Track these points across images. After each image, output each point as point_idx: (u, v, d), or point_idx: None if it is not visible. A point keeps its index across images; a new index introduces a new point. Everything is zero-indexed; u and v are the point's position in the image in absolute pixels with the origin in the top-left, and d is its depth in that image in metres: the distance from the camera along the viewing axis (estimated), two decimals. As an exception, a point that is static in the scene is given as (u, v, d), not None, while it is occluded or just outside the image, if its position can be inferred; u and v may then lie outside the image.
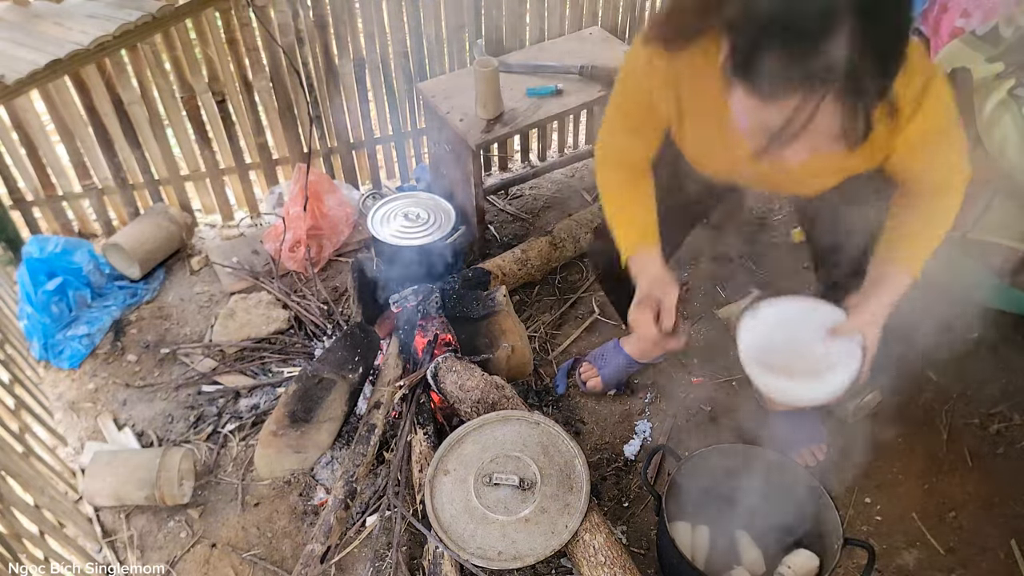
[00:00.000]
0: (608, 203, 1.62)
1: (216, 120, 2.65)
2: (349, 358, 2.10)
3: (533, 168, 3.04)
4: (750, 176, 1.55)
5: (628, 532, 1.92)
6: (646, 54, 1.37)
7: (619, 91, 1.53)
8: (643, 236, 1.57)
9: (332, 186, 2.74)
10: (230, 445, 2.13)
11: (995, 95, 1.74)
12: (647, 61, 1.38)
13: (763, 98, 1.03)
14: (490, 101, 2.40)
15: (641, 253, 1.57)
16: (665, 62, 1.35)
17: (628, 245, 1.58)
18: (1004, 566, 1.81)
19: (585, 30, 2.87)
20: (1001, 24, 1.82)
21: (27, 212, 2.63)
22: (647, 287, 1.55)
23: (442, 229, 2.39)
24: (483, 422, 1.92)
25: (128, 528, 1.95)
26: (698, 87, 1.36)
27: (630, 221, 1.59)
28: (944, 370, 2.18)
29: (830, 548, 1.61)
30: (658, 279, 1.54)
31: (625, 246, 1.58)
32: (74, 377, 2.34)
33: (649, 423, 2.15)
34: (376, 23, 2.60)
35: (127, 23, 2.17)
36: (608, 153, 1.63)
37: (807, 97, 0.98)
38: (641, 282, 1.56)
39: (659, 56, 1.35)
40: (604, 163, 1.64)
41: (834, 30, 0.94)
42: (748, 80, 1.04)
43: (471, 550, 1.69)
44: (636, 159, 1.61)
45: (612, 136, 1.61)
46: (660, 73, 1.38)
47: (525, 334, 2.28)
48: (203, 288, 2.62)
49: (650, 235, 1.58)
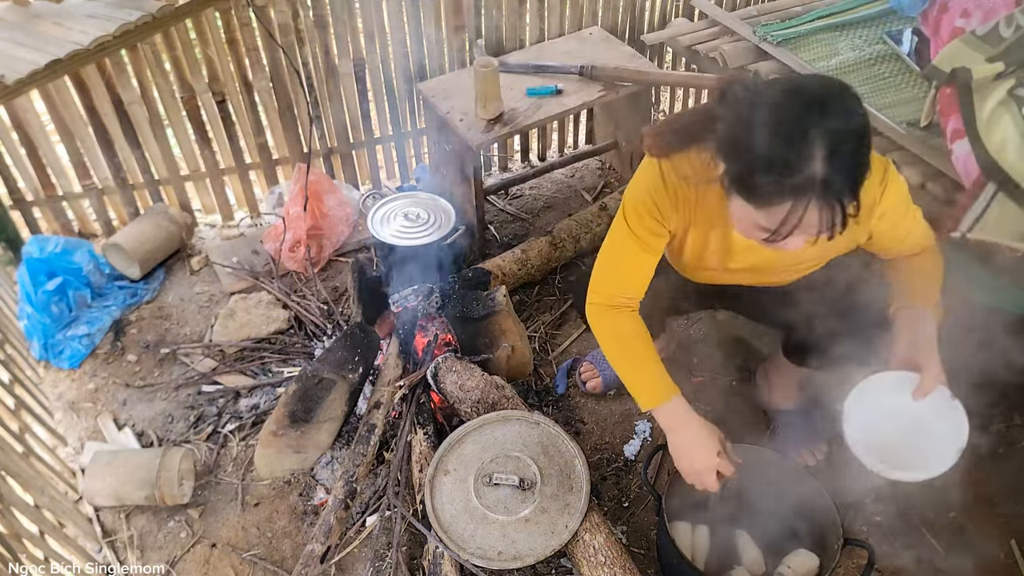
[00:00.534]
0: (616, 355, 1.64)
1: (216, 120, 2.65)
2: (349, 358, 2.10)
3: (533, 168, 3.04)
4: (740, 275, 1.67)
5: (628, 532, 1.92)
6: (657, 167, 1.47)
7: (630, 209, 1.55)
8: (667, 389, 1.59)
9: (332, 186, 2.74)
10: (230, 445, 2.13)
11: (995, 95, 1.74)
12: (659, 173, 1.48)
13: (758, 206, 1.22)
14: (490, 101, 2.40)
15: (667, 405, 1.58)
16: (675, 175, 1.46)
17: (649, 398, 1.59)
18: (1004, 566, 1.81)
19: (585, 30, 2.87)
20: (1001, 24, 1.81)
21: (27, 212, 2.63)
22: (701, 439, 1.56)
23: (442, 229, 2.39)
24: (483, 422, 1.92)
25: (128, 528, 1.95)
26: (702, 195, 1.48)
27: (646, 375, 1.60)
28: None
29: (830, 548, 1.61)
30: (707, 427, 1.57)
31: (648, 398, 1.60)
32: (74, 377, 2.34)
33: (649, 423, 2.15)
34: (376, 23, 2.60)
35: (127, 23, 2.17)
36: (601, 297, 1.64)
37: (796, 203, 1.18)
38: (685, 433, 1.58)
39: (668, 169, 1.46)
40: (602, 312, 1.64)
41: (811, 156, 1.14)
42: (744, 193, 1.24)
43: (471, 550, 1.69)
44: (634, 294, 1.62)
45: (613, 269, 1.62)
46: (671, 184, 1.48)
47: (525, 334, 2.28)
48: (203, 288, 2.62)
49: (672, 387, 1.59)
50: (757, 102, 1.21)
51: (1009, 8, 1.86)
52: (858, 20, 2.39)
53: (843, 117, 1.16)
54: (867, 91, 2.11)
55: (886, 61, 2.23)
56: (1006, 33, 1.80)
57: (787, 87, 1.22)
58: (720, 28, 2.57)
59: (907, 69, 2.19)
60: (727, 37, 2.51)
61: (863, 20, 2.39)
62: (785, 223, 1.21)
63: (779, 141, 1.17)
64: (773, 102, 1.19)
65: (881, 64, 2.22)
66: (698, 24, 2.69)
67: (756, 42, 2.37)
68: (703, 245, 1.58)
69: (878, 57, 2.24)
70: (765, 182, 1.19)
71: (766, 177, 1.18)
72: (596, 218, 2.61)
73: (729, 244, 1.56)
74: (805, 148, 1.15)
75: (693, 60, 2.59)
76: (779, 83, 1.25)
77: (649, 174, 1.49)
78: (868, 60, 2.23)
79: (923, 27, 2.18)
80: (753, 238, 1.32)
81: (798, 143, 1.15)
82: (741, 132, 1.22)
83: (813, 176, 1.15)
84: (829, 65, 2.22)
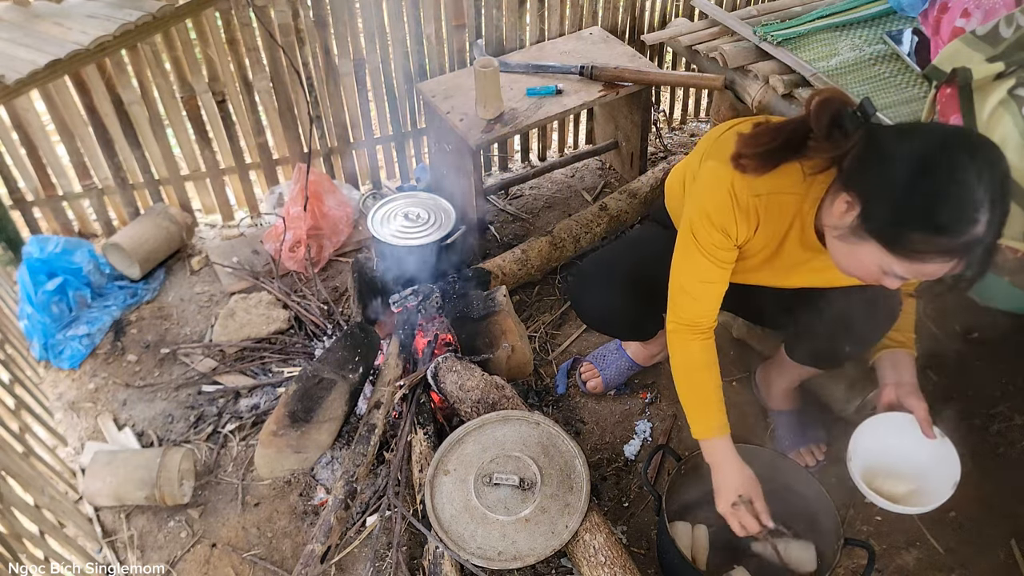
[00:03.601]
0: (683, 382, 1.65)
1: (216, 120, 2.65)
2: (349, 358, 2.10)
3: (533, 168, 3.05)
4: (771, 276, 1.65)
5: (628, 532, 1.92)
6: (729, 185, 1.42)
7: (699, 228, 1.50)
8: (720, 424, 1.60)
9: (332, 186, 2.74)
10: (230, 445, 2.13)
11: (995, 95, 1.73)
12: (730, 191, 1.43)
13: (907, 259, 1.20)
14: (490, 101, 2.40)
15: (715, 440, 1.60)
16: (747, 192, 1.42)
17: (702, 429, 1.62)
18: (1004, 566, 1.81)
19: (585, 30, 2.87)
20: (1001, 24, 1.81)
21: (27, 212, 2.63)
22: (736, 488, 1.57)
23: (442, 229, 2.39)
24: (483, 422, 1.92)
25: (128, 528, 1.95)
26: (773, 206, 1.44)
27: (705, 406, 1.62)
28: (944, 370, 2.18)
29: (830, 548, 1.61)
30: (746, 484, 1.58)
31: (698, 428, 1.62)
32: (74, 377, 2.34)
33: (649, 423, 2.15)
34: (376, 23, 2.60)
35: (127, 23, 2.16)
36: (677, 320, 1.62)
37: (959, 262, 1.17)
38: (727, 483, 1.59)
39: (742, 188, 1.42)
40: (677, 334, 1.63)
41: (979, 220, 1.14)
42: (893, 246, 1.20)
43: (471, 550, 1.69)
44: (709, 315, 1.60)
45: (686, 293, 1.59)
46: (743, 202, 1.44)
47: (525, 334, 2.28)
48: (203, 288, 2.62)
49: (724, 424, 1.61)
50: (902, 145, 1.20)
51: (1009, 8, 1.86)
52: (858, 20, 2.39)
53: (1003, 175, 1.16)
54: (867, 91, 2.11)
55: (886, 61, 2.23)
56: (1006, 33, 1.80)
57: (943, 139, 1.19)
58: (720, 28, 2.57)
59: (907, 69, 2.19)
60: (727, 37, 2.51)
61: (863, 20, 2.39)
62: (940, 279, 1.21)
63: (947, 199, 1.14)
64: (930, 151, 1.17)
65: (881, 64, 2.22)
66: (698, 24, 2.69)
67: (756, 42, 2.37)
68: (755, 251, 1.55)
69: (878, 57, 2.24)
70: (923, 239, 1.17)
71: (927, 235, 1.16)
72: (596, 218, 2.61)
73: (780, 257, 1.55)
74: (975, 211, 1.13)
75: (693, 60, 2.59)
76: (926, 129, 1.25)
77: (720, 192, 1.43)
78: (868, 60, 2.23)
79: (923, 27, 2.18)
80: (864, 277, 1.31)
81: (970, 205, 1.13)
82: (892, 178, 1.19)
83: (977, 237, 1.15)
84: (829, 65, 2.22)
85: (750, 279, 1.66)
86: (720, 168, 1.43)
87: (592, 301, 1.91)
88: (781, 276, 1.61)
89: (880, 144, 1.23)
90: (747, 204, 1.43)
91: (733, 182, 1.41)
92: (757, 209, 1.44)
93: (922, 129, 1.25)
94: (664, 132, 3.33)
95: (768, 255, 1.54)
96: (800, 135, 1.33)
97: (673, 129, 3.42)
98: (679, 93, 3.40)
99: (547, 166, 3.00)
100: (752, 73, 2.31)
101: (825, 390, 2.11)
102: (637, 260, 1.84)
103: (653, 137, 3.14)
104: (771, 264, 1.57)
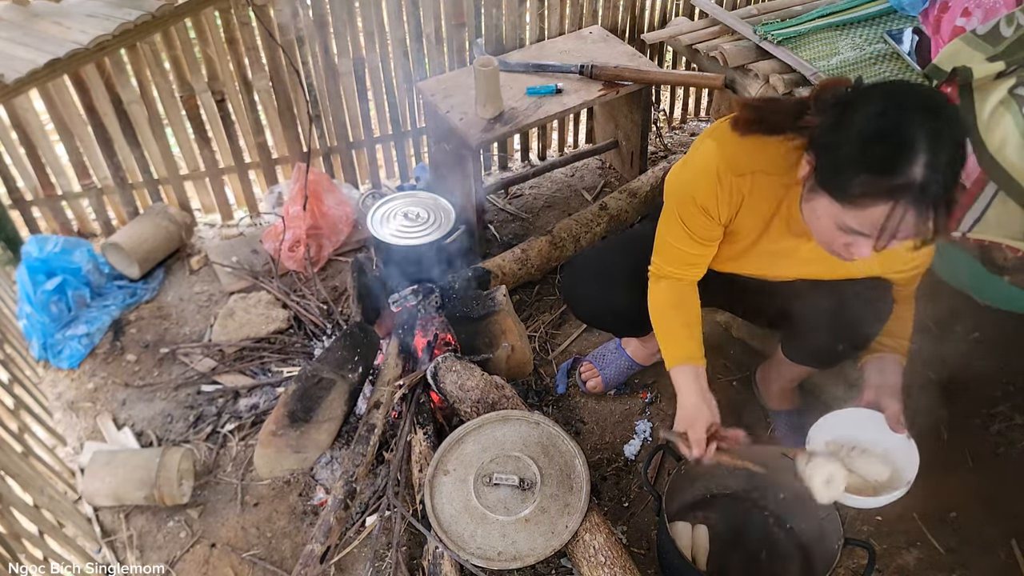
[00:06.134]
0: (655, 320, 1.71)
1: (215, 119, 2.64)
2: (349, 358, 2.09)
3: (533, 167, 3.04)
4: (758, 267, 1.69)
5: (628, 532, 1.92)
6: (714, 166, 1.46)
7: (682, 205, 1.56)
8: (686, 353, 1.64)
9: (332, 185, 2.74)
10: (229, 445, 2.13)
11: (995, 95, 1.73)
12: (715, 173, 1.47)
13: (850, 206, 1.21)
14: (490, 100, 2.40)
15: (680, 368, 1.64)
16: (732, 173, 1.46)
17: (669, 358, 1.67)
18: (1004, 566, 1.81)
19: (585, 29, 2.87)
20: (1002, 23, 1.81)
21: (26, 212, 2.62)
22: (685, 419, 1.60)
23: (442, 229, 2.39)
24: (483, 422, 1.92)
25: (127, 528, 1.95)
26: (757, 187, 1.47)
27: (673, 337, 1.67)
28: (944, 370, 2.18)
29: (830, 548, 1.61)
30: (694, 408, 1.59)
31: (667, 358, 1.67)
32: (73, 377, 2.34)
33: (649, 423, 2.14)
34: (376, 22, 2.60)
35: (126, 22, 2.16)
36: (654, 267, 1.71)
37: (895, 206, 1.17)
38: (680, 407, 1.62)
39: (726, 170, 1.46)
40: (652, 281, 1.72)
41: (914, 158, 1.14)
42: (836, 193, 1.23)
43: (471, 550, 1.69)
44: (683, 272, 1.67)
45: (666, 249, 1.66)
46: (727, 183, 1.47)
47: (525, 334, 2.28)
48: (202, 288, 2.62)
49: (692, 354, 1.64)
50: (859, 101, 1.23)
51: (1010, 7, 1.86)
52: (858, 19, 2.38)
53: (946, 123, 1.17)
54: (867, 90, 2.11)
55: (886, 60, 2.23)
56: (1007, 32, 1.79)
57: (892, 89, 1.24)
58: (720, 27, 2.57)
59: (908, 68, 2.18)
60: (727, 36, 2.51)
61: (863, 19, 2.39)
62: (885, 228, 1.20)
63: (882, 140, 1.17)
64: (877, 102, 1.20)
65: (881, 63, 2.22)
66: (698, 23, 2.69)
67: (757, 41, 2.37)
68: (744, 233, 1.58)
69: (879, 56, 2.24)
70: (862, 181, 1.18)
71: (864, 176, 1.18)
72: (596, 218, 2.60)
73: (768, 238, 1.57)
74: (908, 149, 1.15)
75: (693, 59, 2.59)
76: (883, 85, 1.27)
77: (705, 173, 1.48)
78: (869, 59, 2.23)
79: (923, 26, 2.18)
80: (830, 242, 1.32)
81: (902, 144, 1.15)
82: (841, 130, 1.22)
83: (913, 178, 1.15)
84: (829, 64, 2.22)
85: (741, 268, 1.68)
86: (705, 144, 1.49)
87: (586, 295, 1.92)
88: (768, 264, 1.63)
89: (830, 100, 1.28)
90: (730, 183, 1.47)
91: (719, 161, 1.46)
92: (740, 188, 1.47)
93: (877, 85, 1.28)
94: (664, 131, 3.33)
95: (755, 237, 1.57)
96: (799, 111, 1.36)
97: (673, 128, 3.41)
98: (679, 92, 3.39)
99: (547, 165, 3.00)
100: (752, 72, 2.31)
101: (825, 390, 2.11)
102: (633, 256, 1.83)
103: (653, 136, 3.14)
104: (758, 249, 1.59)
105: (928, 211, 1.17)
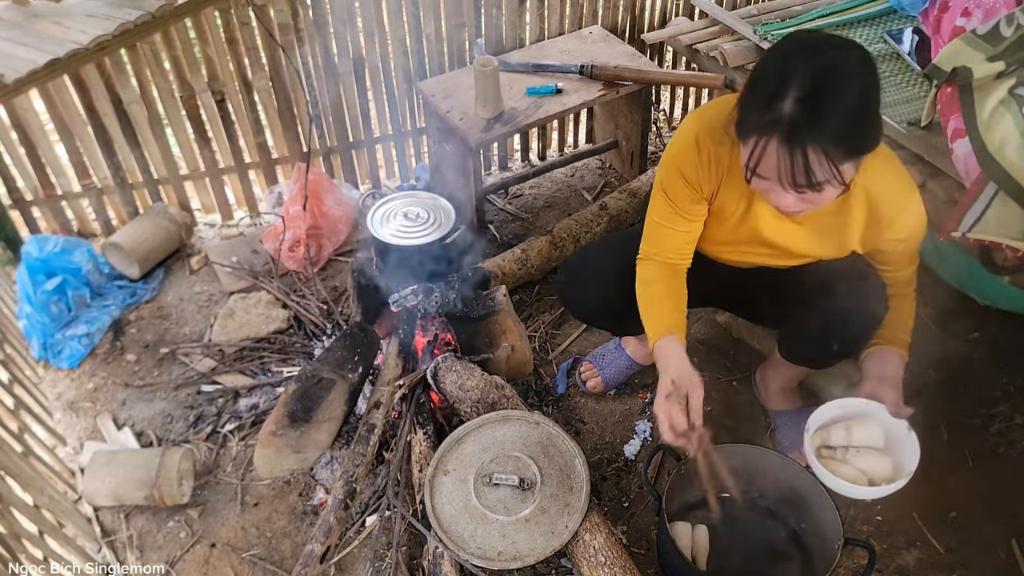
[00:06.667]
0: (640, 299, 1.70)
1: (215, 119, 2.64)
2: (349, 358, 2.09)
3: (533, 167, 3.04)
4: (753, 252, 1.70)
5: (628, 532, 1.92)
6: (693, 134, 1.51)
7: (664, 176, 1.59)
8: (667, 327, 1.63)
9: (332, 185, 2.74)
10: (229, 445, 2.13)
11: (995, 95, 1.73)
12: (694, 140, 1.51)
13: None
14: (490, 100, 2.40)
15: (664, 342, 1.61)
16: (711, 139, 1.49)
17: (652, 334, 1.64)
18: (1004, 566, 1.81)
19: (585, 29, 2.87)
20: (1002, 23, 1.81)
21: (26, 212, 2.62)
22: (673, 381, 1.56)
23: (442, 229, 2.39)
24: (483, 422, 1.92)
25: (127, 528, 1.95)
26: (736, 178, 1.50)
27: (657, 313, 1.66)
28: (944, 370, 2.18)
29: (830, 548, 1.61)
30: (683, 375, 1.56)
31: (650, 335, 1.65)
32: (73, 377, 2.34)
33: (649, 423, 2.14)
34: (376, 22, 2.60)
35: (126, 22, 2.16)
36: (641, 253, 1.72)
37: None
38: (664, 375, 1.58)
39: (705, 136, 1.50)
40: (643, 263, 1.72)
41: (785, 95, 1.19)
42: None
43: (471, 550, 1.69)
44: (670, 255, 1.68)
45: (651, 232, 1.68)
46: (706, 149, 1.50)
47: (525, 334, 2.28)
48: (202, 288, 2.62)
49: (674, 327, 1.63)
50: (771, 49, 1.29)
51: (1010, 7, 1.86)
52: (858, 19, 2.39)
53: (837, 67, 1.18)
54: (867, 90, 2.11)
55: (887, 60, 2.23)
56: (1007, 32, 1.80)
57: (800, 35, 1.28)
58: (720, 27, 2.57)
59: (908, 68, 2.19)
60: (727, 36, 2.51)
61: (863, 19, 2.39)
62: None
63: (764, 78, 1.23)
64: (782, 47, 1.26)
65: (882, 63, 2.22)
66: (698, 23, 2.69)
67: (757, 41, 2.37)
68: (731, 210, 1.59)
69: (879, 56, 2.24)
70: (744, 116, 1.26)
71: (746, 111, 1.26)
72: (596, 217, 2.60)
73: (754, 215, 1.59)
74: (782, 85, 1.19)
75: (693, 59, 2.59)
76: (798, 32, 1.34)
77: (684, 141, 1.52)
78: (868, 59, 2.23)
79: (923, 26, 2.18)
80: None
81: (779, 81, 1.20)
82: (750, 76, 1.30)
83: (781, 113, 1.19)
84: (829, 64, 2.22)
85: (735, 253, 1.70)
86: (687, 121, 1.55)
87: (582, 293, 1.91)
88: (761, 248, 1.64)
89: None
90: (708, 150, 1.50)
91: (698, 128, 1.51)
92: (721, 158, 1.50)
93: (793, 34, 1.33)
94: (664, 131, 3.33)
95: (741, 214, 1.58)
96: None
97: (673, 128, 3.41)
98: (679, 92, 3.39)
99: (547, 165, 3.00)
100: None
101: (825, 390, 2.11)
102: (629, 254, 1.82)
103: (653, 136, 3.14)
104: (748, 228, 1.60)
105: (796, 152, 1.19)
